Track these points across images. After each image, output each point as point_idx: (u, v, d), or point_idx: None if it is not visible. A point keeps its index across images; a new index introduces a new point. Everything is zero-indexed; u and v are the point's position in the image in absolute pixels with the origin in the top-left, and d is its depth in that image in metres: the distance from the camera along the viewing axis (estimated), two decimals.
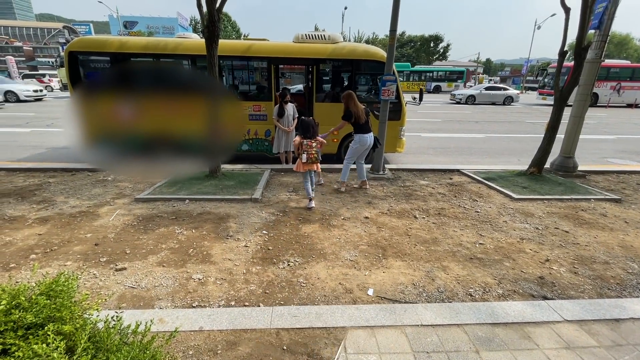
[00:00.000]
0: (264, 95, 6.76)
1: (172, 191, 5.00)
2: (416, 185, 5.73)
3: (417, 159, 8.05)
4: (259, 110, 6.73)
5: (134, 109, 6.53)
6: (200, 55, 6.35)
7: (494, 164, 7.49)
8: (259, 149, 6.98)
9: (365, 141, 5.06)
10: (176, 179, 5.62)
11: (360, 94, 6.92)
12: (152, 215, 4.25)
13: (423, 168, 6.68)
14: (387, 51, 5.81)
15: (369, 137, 5.07)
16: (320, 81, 6.78)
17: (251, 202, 4.74)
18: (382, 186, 5.67)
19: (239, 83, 7.14)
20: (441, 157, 8.31)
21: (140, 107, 6.51)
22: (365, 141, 5.06)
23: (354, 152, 5.18)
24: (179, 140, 6.57)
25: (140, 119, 6.50)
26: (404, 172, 6.51)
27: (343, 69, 6.84)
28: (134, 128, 6.53)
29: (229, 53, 6.52)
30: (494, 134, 11.51)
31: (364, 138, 5.06)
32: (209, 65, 5.21)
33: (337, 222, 4.16)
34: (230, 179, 5.64)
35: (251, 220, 4.15)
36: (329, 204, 4.79)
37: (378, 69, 6.60)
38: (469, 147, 9.40)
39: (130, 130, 6.53)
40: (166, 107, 6.53)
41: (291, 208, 4.59)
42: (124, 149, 6.58)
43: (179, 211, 4.38)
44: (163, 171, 6.15)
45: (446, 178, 6.21)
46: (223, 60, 6.64)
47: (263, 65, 6.71)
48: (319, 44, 6.64)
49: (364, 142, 5.07)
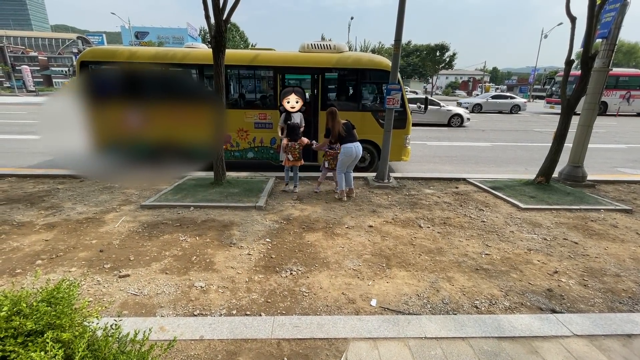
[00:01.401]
0: (269, 103, 6.81)
1: (178, 198, 5.03)
2: (421, 194, 5.69)
3: (422, 167, 8.02)
4: (265, 119, 6.78)
5: (142, 116, 6.65)
6: (207, 65, 6.44)
7: (501, 173, 7.42)
8: (264, 157, 7.02)
9: (351, 151, 5.10)
10: (182, 185, 5.66)
11: (366, 102, 6.94)
12: (157, 222, 4.26)
13: (428, 176, 6.65)
14: (392, 60, 5.83)
15: (354, 147, 5.11)
16: (326, 90, 6.82)
17: (255, 210, 4.74)
18: (386, 195, 5.64)
19: (246, 92, 7.22)
20: (447, 165, 8.27)
21: (148, 115, 6.63)
22: (350, 152, 5.10)
23: (341, 163, 5.24)
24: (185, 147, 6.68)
25: (149, 127, 6.62)
26: (409, 180, 6.49)
27: (348, 78, 6.88)
28: (142, 135, 6.65)
29: (236, 62, 6.61)
30: (500, 143, 11.42)
31: (349, 148, 5.11)
32: (216, 74, 5.28)
33: (341, 231, 4.14)
34: (235, 186, 5.66)
35: (255, 228, 4.14)
36: (333, 212, 4.77)
37: (383, 78, 6.62)
38: (476, 156, 9.35)
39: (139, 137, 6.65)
40: (174, 115, 6.65)
41: (295, 216, 4.58)
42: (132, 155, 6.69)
43: (183, 218, 4.39)
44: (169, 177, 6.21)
45: (452, 187, 6.17)
46: (230, 69, 6.73)
47: (269, 74, 6.78)
48: (324, 54, 6.70)
49: (349, 153, 5.11)
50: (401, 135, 6.79)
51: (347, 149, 5.12)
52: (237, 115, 6.76)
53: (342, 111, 6.90)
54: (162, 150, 6.77)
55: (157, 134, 6.64)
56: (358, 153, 5.15)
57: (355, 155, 5.14)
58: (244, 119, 6.77)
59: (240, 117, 6.75)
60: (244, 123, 6.79)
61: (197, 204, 4.80)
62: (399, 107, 5.88)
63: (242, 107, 7.09)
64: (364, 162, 7.14)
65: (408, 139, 6.94)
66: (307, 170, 6.95)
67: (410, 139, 7.08)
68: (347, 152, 5.12)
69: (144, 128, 6.65)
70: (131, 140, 6.66)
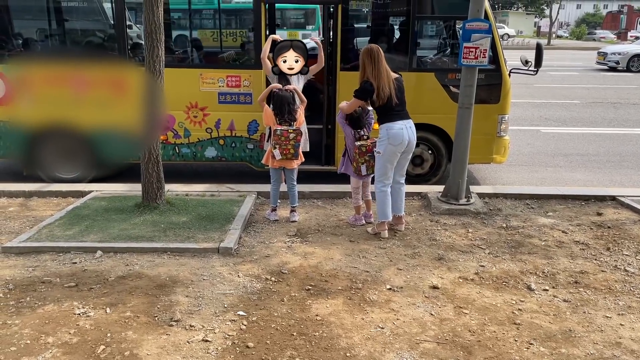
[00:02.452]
0: (246, 56, 6.85)
1: (73, 234, 5.03)
2: (531, 226, 5.67)
3: (532, 175, 7.98)
4: (238, 85, 6.82)
5: (9, 79, 6.74)
6: None
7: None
8: (235, 156, 7.06)
9: (400, 136, 5.07)
10: (82, 209, 5.71)
11: (423, 54, 6.91)
12: (34, 279, 4.27)
13: (544, 193, 6.70)
14: None
15: (405, 127, 5.11)
16: (350, 31, 6.82)
17: (218, 256, 4.74)
18: (464, 227, 5.64)
19: (203, 36, 7.30)
20: (579, 171, 8.26)
21: (20, 76, 6.73)
22: (399, 136, 5.07)
23: (384, 162, 5.20)
24: (86, 135, 6.74)
25: (19, 97, 6.72)
26: (506, 200, 6.52)
27: (392, 11, 6.92)
28: (8, 112, 6.73)
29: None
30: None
31: (396, 130, 5.06)
32: (147, 2, 5.28)
33: (379, 296, 4.14)
34: (182, 211, 5.69)
35: (217, 291, 4.14)
36: (364, 260, 4.76)
37: (456, 8, 6.66)
38: (634, 153, 9.30)
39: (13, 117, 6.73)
40: (68, 76, 6.74)
41: (293, 267, 4.59)
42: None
43: (83, 272, 4.40)
44: (58, 191, 6.25)
45: (590, 212, 6.15)
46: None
47: (245, 2, 6.85)
48: None
49: (397, 137, 5.07)
50: (492, 114, 6.81)
51: (394, 131, 5.07)
52: (185, 80, 6.83)
53: None
54: (45, 141, 6.82)
55: (36, 112, 6.72)
56: (412, 139, 5.18)
57: (407, 142, 5.15)
58: (200, 87, 6.83)
59: (193, 83, 6.83)
60: (199, 94, 6.86)
61: (109, 244, 4.78)
62: (486, 63, 5.88)
63: (195, 64, 7.13)
64: (421, 164, 7.15)
65: (505, 123, 6.95)
66: (316, 179, 6.92)
67: (508, 123, 7.03)
68: (395, 136, 5.07)
69: (11, 99, 6.73)
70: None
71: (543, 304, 4.05)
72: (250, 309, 3.87)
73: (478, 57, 5.76)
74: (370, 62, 5.05)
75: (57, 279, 4.26)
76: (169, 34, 6.99)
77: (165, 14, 5.69)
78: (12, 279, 4.27)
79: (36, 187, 6.50)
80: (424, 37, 7.03)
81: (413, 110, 5.62)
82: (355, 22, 6.98)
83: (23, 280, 4.25)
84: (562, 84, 18.52)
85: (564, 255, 4.93)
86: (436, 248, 5.03)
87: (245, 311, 3.84)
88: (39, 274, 4.36)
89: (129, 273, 4.38)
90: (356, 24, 6.98)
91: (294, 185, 5.74)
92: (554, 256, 4.90)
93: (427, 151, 7.04)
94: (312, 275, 4.42)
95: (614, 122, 11.92)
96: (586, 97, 15.41)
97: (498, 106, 6.81)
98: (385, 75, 5.05)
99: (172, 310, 3.82)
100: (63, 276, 4.32)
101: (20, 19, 7.39)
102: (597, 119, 12.19)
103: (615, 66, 23.99)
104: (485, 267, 4.65)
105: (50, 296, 4.00)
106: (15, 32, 7.23)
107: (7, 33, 7.03)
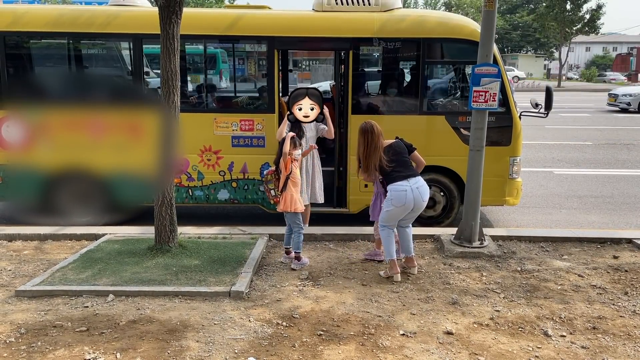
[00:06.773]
0: (260, 101, 6.93)
1: (85, 277, 5.04)
2: (546, 270, 5.64)
3: (546, 217, 7.94)
4: (251, 129, 6.90)
5: (30, 125, 6.87)
6: (149, 35, 6.73)
7: None
8: (248, 199, 7.08)
9: (403, 197, 5.14)
10: (94, 253, 5.73)
11: (434, 98, 6.95)
12: (46, 323, 4.27)
13: (559, 236, 6.66)
14: (482, 22, 5.91)
15: (409, 189, 5.14)
16: (362, 77, 6.90)
17: (230, 300, 4.74)
18: (478, 270, 5.61)
19: (217, 82, 7.41)
20: (594, 213, 8.22)
21: (41, 123, 6.86)
22: (402, 198, 5.14)
23: (387, 217, 5.31)
24: (102, 179, 6.80)
25: (40, 143, 6.82)
26: (520, 242, 6.49)
27: (402, 56, 7.00)
28: (27, 157, 6.84)
29: (202, 31, 6.88)
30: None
31: (400, 192, 5.13)
32: (165, 52, 5.44)
33: (392, 342, 4.09)
34: (193, 254, 5.69)
35: (228, 335, 4.11)
36: (377, 305, 4.73)
37: (466, 54, 6.72)
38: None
39: (21, 161, 6.83)
40: (87, 123, 6.86)
41: (305, 311, 4.57)
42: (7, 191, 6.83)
43: (94, 316, 4.39)
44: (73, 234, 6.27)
45: (606, 255, 6.11)
46: (190, 41, 6.98)
47: (260, 50, 7.00)
48: (359, 14, 6.87)
49: (400, 200, 5.15)
50: (503, 157, 6.81)
51: (397, 192, 5.15)
52: (200, 124, 6.93)
53: (392, 114, 6.91)
54: (62, 185, 6.91)
55: (53, 156, 6.82)
56: (418, 200, 5.21)
57: (412, 204, 5.19)
58: (213, 131, 6.92)
59: (207, 127, 6.91)
60: (213, 138, 6.94)
61: (121, 288, 4.79)
62: (496, 106, 5.91)
63: (209, 108, 7.21)
64: (434, 206, 7.12)
65: (517, 164, 6.94)
66: (329, 221, 6.91)
67: (520, 165, 7.04)
68: (398, 198, 5.15)
69: (31, 145, 6.84)
70: (6, 166, 6.84)
71: (561, 351, 3.98)
72: (261, 355, 3.83)
73: (488, 100, 5.80)
74: (363, 142, 5.28)
75: (69, 323, 4.26)
76: (184, 79, 7.10)
77: (182, 60, 5.81)
78: (24, 323, 4.27)
79: (51, 230, 6.53)
80: (433, 82, 7.09)
81: (425, 152, 5.66)
82: (366, 67, 7.06)
83: (35, 325, 4.25)
84: (573, 125, 18.53)
85: (581, 299, 4.87)
86: (450, 292, 4.99)
87: (256, 357, 3.80)
88: (50, 317, 4.36)
89: (140, 317, 4.37)
90: (367, 69, 7.05)
91: (295, 230, 5.68)
92: (571, 301, 4.85)
93: (439, 193, 7.02)
94: (323, 320, 4.39)
95: (627, 163, 11.87)
96: (598, 139, 15.38)
97: (509, 148, 6.82)
98: (374, 155, 5.21)
99: (182, 356, 3.80)
100: (75, 320, 4.32)
101: (42, 66, 7.57)
102: (611, 160, 12.15)
103: (626, 107, 23.97)
104: (500, 312, 4.60)
105: (61, 341, 4.00)
106: (36, 78, 7.39)
107: (27, 79, 7.20)
